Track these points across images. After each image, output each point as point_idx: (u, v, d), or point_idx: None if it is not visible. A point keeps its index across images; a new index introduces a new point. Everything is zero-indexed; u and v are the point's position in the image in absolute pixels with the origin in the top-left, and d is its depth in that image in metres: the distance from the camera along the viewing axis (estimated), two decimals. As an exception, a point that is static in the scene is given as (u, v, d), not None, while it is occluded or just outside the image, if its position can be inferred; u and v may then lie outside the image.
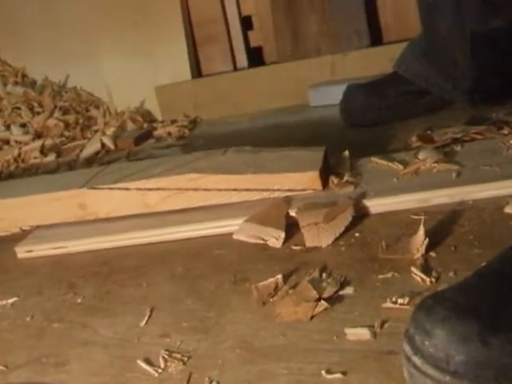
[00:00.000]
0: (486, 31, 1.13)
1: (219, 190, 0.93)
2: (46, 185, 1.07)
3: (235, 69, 1.87)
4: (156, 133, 1.68)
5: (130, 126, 1.71)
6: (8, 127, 1.74)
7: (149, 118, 1.80)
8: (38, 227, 1.02)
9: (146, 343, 0.64)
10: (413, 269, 0.65)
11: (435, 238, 0.71)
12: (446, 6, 1.16)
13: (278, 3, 1.75)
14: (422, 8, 1.22)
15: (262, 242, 0.81)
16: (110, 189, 0.97)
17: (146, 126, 1.73)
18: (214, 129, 1.66)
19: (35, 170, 1.55)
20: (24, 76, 1.95)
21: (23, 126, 1.75)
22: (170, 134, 1.66)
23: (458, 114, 1.21)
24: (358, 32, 1.65)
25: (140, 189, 0.96)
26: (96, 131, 1.71)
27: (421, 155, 0.93)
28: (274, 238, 0.80)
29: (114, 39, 1.86)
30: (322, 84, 1.62)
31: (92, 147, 1.56)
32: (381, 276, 0.66)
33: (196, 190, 0.94)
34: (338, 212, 0.78)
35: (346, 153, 0.97)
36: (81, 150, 1.57)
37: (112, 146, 1.56)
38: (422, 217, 0.77)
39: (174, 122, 1.76)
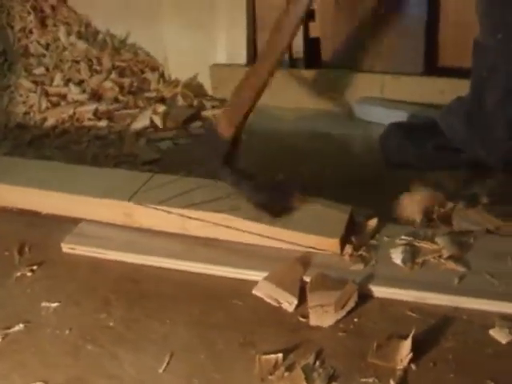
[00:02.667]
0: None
1: (250, 232, 1.05)
2: (93, 181, 1.19)
3: (291, 57, 1.92)
4: (204, 113, 1.77)
5: (180, 101, 1.80)
6: (67, 82, 1.84)
7: (200, 92, 1.87)
8: (84, 220, 1.15)
9: (161, 393, 0.77)
10: (391, 381, 0.77)
11: (420, 347, 0.82)
12: (496, 85, 1.22)
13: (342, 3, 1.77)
14: (475, 77, 1.27)
15: (276, 304, 0.93)
16: (155, 208, 1.09)
17: (195, 102, 1.81)
18: (258, 122, 1.71)
19: (87, 131, 1.67)
20: (87, 26, 2.02)
21: (81, 82, 1.84)
22: (216, 117, 1.74)
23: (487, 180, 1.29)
24: (413, 58, 1.69)
25: (181, 215, 1.07)
26: (148, 99, 1.80)
27: (438, 240, 1.02)
28: (288, 303, 0.92)
29: (179, 6, 1.91)
30: (368, 101, 1.69)
31: (142, 122, 1.66)
32: (363, 380, 0.78)
33: (228, 227, 1.06)
34: (343, 300, 0.89)
35: (374, 221, 1.06)
36: (131, 121, 1.68)
37: (160, 125, 1.66)
38: (415, 316, 0.88)
39: (222, 102, 1.83)
